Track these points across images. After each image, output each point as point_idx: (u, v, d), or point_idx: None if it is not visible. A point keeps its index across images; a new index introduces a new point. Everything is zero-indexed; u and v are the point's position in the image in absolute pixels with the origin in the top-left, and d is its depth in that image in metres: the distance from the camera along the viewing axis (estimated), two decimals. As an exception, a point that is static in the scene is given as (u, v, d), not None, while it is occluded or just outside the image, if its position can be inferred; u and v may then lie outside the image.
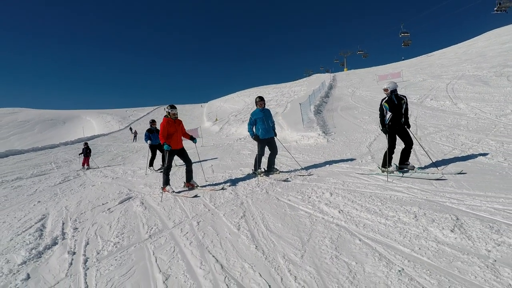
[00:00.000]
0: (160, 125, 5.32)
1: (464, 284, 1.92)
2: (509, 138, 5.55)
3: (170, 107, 5.42)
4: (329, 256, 2.48)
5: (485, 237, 2.43)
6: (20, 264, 3.15)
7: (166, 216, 4.09)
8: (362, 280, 2.11)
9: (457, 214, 2.89)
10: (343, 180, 4.60)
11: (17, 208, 5.95)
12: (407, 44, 42.29)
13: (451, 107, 10.07)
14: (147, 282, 2.50)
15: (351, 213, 3.28)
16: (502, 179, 3.72)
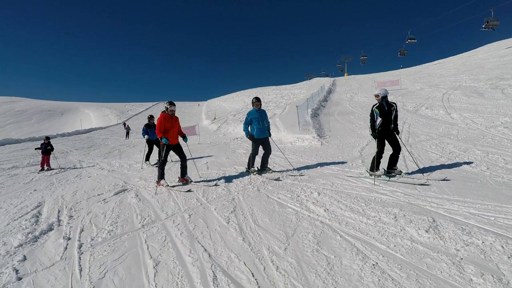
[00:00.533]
0: (158, 120, 5.46)
1: (430, 278, 2.09)
2: (495, 149, 5.75)
3: (169, 103, 5.57)
4: (311, 249, 2.65)
5: (456, 238, 2.61)
6: (16, 246, 3.29)
7: (159, 208, 4.24)
8: (338, 272, 2.28)
9: (434, 217, 3.07)
10: (332, 181, 4.77)
11: (13, 195, 6.07)
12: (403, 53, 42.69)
13: (445, 116, 10.29)
14: (138, 267, 2.65)
15: (336, 212, 3.46)
16: (482, 186, 3.91)
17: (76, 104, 68.89)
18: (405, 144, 7.23)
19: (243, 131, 5.89)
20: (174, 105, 5.61)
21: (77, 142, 20.72)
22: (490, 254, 2.32)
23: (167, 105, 5.56)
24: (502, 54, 30.23)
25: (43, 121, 58.11)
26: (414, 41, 39.51)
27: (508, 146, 5.88)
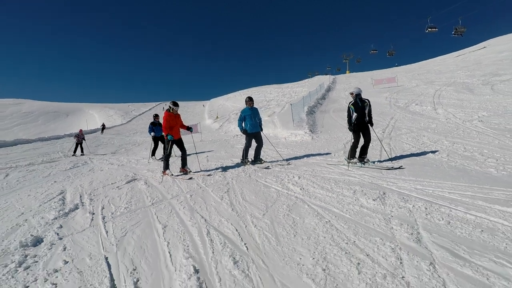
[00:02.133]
0: (163, 118, 6.30)
1: (364, 228, 2.89)
2: (461, 140, 6.49)
3: (173, 103, 6.42)
4: (283, 214, 3.46)
5: (394, 204, 3.40)
6: (53, 219, 4.13)
7: (165, 191, 5.07)
8: (299, 226, 3.08)
9: (385, 191, 3.86)
10: (313, 168, 5.57)
11: (37, 186, 6.94)
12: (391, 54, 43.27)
13: (430, 112, 11.01)
14: (150, 229, 3.47)
15: (309, 190, 4.26)
16: (435, 169, 4.68)
17: (81, 105, 70.21)
18: (387, 136, 8.01)
19: (238, 127, 6.70)
20: (177, 106, 6.46)
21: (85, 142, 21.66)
22: (414, 213, 3.11)
23: (171, 105, 6.40)
24: (501, 50, 30.65)
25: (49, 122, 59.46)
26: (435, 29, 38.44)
27: (474, 137, 6.62)
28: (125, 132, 30.83)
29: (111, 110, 63.88)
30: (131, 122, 50.87)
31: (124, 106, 70.82)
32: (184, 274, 2.38)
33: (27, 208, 4.87)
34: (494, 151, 5.34)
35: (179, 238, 3.11)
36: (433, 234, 2.62)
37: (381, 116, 11.42)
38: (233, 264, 2.47)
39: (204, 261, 2.60)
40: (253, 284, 2.20)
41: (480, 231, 2.61)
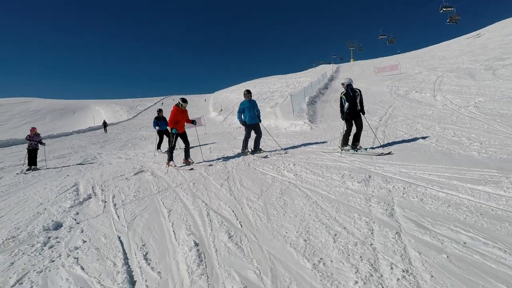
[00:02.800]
0: (171, 112, 6.70)
1: (345, 206, 3.24)
2: (453, 125, 6.74)
3: (183, 100, 6.84)
4: (275, 197, 3.83)
5: (377, 185, 3.74)
6: (69, 207, 4.58)
7: (170, 181, 5.49)
8: (289, 207, 3.45)
9: (371, 174, 4.20)
10: (309, 156, 5.92)
11: (51, 180, 7.42)
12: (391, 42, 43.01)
13: (429, 98, 11.18)
14: (157, 213, 3.88)
15: (302, 175, 4.62)
16: (422, 154, 4.98)
17: (87, 102, 71.12)
18: (383, 124, 8.27)
19: (237, 119, 7.06)
20: (186, 102, 6.92)
21: (92, 138, 22.29)
22: (392, 192, 3.45)
23: (180, 101, 6.81)
24: (508, 33, 30.14)
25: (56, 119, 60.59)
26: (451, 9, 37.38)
27: (466, 122, 6.86)
28: (131, 127, 31.44)
29: (116, 106, 64.70)
30: (137, 117, 51.59)
31: (129, 102, 71.53)
32: (186, 247, 2.78)
33: (45, 199, 5.33)
34: (481, 135, 5.61)
35: (182, 220, 3.50)
36: (405, 210, 2.97)
37: (381, 104, 11.63)
38: (228, 238, 2.86)
39: (204, 236, 2.99)
40: (244, 253, 2.58)
41: (447, 206, 2.95)
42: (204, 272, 2.35)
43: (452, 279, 1.92)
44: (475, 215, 2.70)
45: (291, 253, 2.48)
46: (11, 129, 45.92)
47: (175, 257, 2.69)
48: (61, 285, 2.46)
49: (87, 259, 2.86)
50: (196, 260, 2.52)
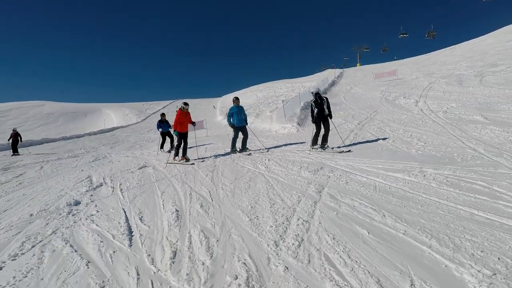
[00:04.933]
0: (176, 115, 7.94)
1: (291, 186, 4.36)
2: (415, 128, 7.76)
3: (185, 103, 8.08)
4: (244, 182, 4.97)
5: (322, 174, 4.84)
6: (85, 191, 5.80)
7: (167, 173, 6.68)
8: (251, 188, 4.58)
9: (324, 166, 5.30)
10: (284, 154, 7.05)
11: (67, 174, 8.71)
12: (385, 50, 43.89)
13: (411, 104, 12.14)
14: (152, 194, 5.05)
15: (271, 167, 5.75)
16: (374, 151, 6.05)
17: (98, 105, 73.45)
18: (358, 127, 9.32)
19: (226, 122, 8.24)
20: (188, 105, 8.13)
21: (103, 139, 23.81)
22: (330, 178, 4.55)
23: (183, 105, 8.04)
24: (509, 39, 30.63)
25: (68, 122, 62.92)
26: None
27: (427, 126, 7.87)
28: (140, 130, 32.98)
29: (126, 109, 66.72)
30: (146, 120, 53.32)
31: (138, 105, 73.57)
32: (169, 212, 3.94)
33: (64, 187, 6.58)
34: (430, 136, 6.64)
35: (171, 197, 4.68)
36: (331, 189, 4.07)
37: (367, 109, 12.66)
38: (200, 207, 4.02)
39: (183, 207, 4.16)
40: (208, 215, 3.73)
41: (361, 186, 4.04)
42: (178, 225, 3.51)
43: (331, 224, 3.02)
44: (375, 191, 3.79)
45: (239, 214, 3.61)
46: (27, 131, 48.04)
47: (161, 218, 3.85)
48: (82, 234, 3.65)
49: (100, 220, 4.05)
50: (174, 219, 3.68)
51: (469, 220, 2.77)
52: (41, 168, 10.61)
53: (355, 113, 12.35)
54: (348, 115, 12.21)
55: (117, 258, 2.88)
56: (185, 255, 2.75)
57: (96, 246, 3.19)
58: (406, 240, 2.53)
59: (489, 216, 2.79)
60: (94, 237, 3.44)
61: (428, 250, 2.34)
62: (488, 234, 2.48)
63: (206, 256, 2.68)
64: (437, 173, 4.20)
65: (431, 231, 2.63)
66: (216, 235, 3.10)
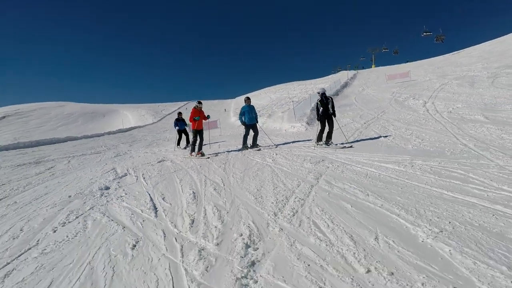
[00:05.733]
0: (191, 112, 8.71)
1: (294, 175, 4.97)
2: (417, 127, 8.19)
3: (198, 102, 8.83)
4: (252, 172, 5.62)
5: (322, 165, 5.43)
6: (112, 179, 6.59)
7: (184, 165, 7.41)
8: (258, 176, 5.22)
9: (325, 159, 5.88)
10: (291, 149, 7.65)
11: (93, 166, 9.59)
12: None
13: (419, 105, 12.48)
14: (172, 182, 5.76)
15: (278, 160, 6.38)
16: (373, 147, 6.58)
17: (116, 106, 75.90)
18: (364, 126, 9.81)
19: (239, 120, 8.93)
20: (201, 103, 8.87)
21: (122, 138, 24.99)
22: (329, 168, 5.14)
23: (197, 103, 8.81)
24: (530, 39, 30.08)
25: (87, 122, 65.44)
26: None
27: (430, 125, 8.29)
28: (156, 130, 34.20)
29: (143, 110, 68.76)
30: (161, 121, 54.86)
31: (154, 106, 75.57)
32: (187, 194, 4.63)
33: (93, 176, 7.41)
34: (430, 134, 7.09)
35: (188, 183, 5.38)
36: (328, 176, 4.66)
37: (375, 110, 13.08)
38: (213, 190, 4.69)
39: (199, 190, 4.84)
40: (220, 196, 4.39)
41: (355, 174, 4.62)
42: (195, 202, 4.19)
43: (322, 201, 3.63)
44: (366, 178, 4.36)
45: (246, 194, 4.26)
46: (50, 130, 50.40)
47: (180, 198, 4.54)
48: (115, 209, 4.38)
49: (128, 200, 4.78)
50: (192, 198, 4.37)
51: (438, 198, 3.31)
52: (68, 162, 11.59)
53: (363, 114, 12.80)
54: (356, 115, 12.69)
55: (147, 224, 3.58)
56: (201, 222, 3.42)
57: (128, 217, 3.91)
58: (381, 211, 3.12)
59: (456, 195, 3.33)
60: (126, 211, 4.17)
61: (396, 217, 2.92)
62: (449, 207, 3.03)
63: (218, 222, 3.34)
64: (424, 164, 4.72)
65: (403, 205, 3.20)
66: (226, 209, 3.77)
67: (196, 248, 2.76)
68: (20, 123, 56.13)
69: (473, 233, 2.47)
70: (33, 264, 2.79)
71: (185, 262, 2.54)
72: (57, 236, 3.45)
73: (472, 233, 2.48)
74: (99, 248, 3.02)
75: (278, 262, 2.39)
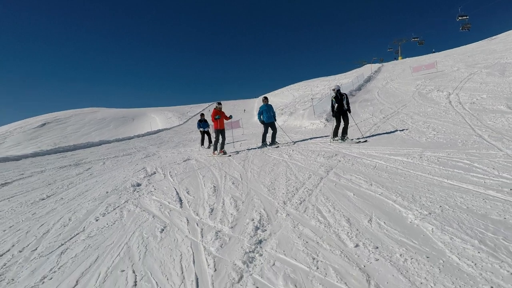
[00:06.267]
0: (212, 113, 9.31)
1: (307, 169, 5.33)
2: (435, 120, 8.20)
3: (218, 103, 9.40)
4: (268, 167, 6.04)
5: (335, 159, 5.74)
6: (143, 177, 7.28)
7: (207, 163, 7.97)
8: (274, 171, 5.64)
9: (338, 154, 6.18)
10: (307, 145, 7.98)
11: (126, 167, 10.44)
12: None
13: (443, 97, 12.25)
14: (196, 178, 6.32)
15: (293, 156, 6.74)
16: (387, 141, 6.76)
17: (144, 110, 79.15)
18: (382, 121, 9.89)
19: (257, 119, 9.37)
20: (220, 104, 9.43)
21: (150, 140, 26.33)
22: (340, 162, 5.44)
23: (217, 104, 9.38)
24: None
25: (119, 126, 68.87)
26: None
27: (449, 117, 8.26)
28: (182, 132, 35.51)
29: (169, 112, 71.23)
30: (187, 122, 56.61)
31: (180, 108, 77.92)
32: (209, 188, 5.14)
33: (126, 175, 8.17)
34: (446, 126, 7.14)
35: (210, 179, 5.90)
36: (337, 169, 4.98)
37: (396, 104, 13.00)
38: (232, 184, 5.17)
39: (219, 184, 5.34)
40: (238, 189, 4.86)
41: (363, 166, 4.90)
42: (215, 195, 4.69)
43: (328, 191, 3.98)
44: (373, 169, 4.64)
45: (260, 187, 4.70)
46: (85, 135, 53.70)
47: (202, 192, 5.06)
48: (146, 202, 4.98)
49: (157, 194, 5.38)
50: (212, 191, 4.88)
51: (436, 186, 3.56)
52: (103, 163, 12.62)
53: (383, 108, 12.78)
54: (376, 110, 12.70)
55: (173, 214, 4.12)
56: (219, 210, 3.90)
57: (157, 208, 4.48)
58: (380, 198, 3.43)
59: (454, 183, 3.56)
60: (155, 203, 4.75)
61: (392, 203, 3.23)
62: (444, 193, 3.29)
63: (234, 210, 3.81)
64: (432, 155, 4.91)
65: (402, 192, 3.49)
66: (242, 199, 4.23)
67: (214, 231, 3.24)
68: (59, 129, 60.13)
69: (459, 215, 2.74)
70: (82, 245, 3.40)
71: (203, 241, 3.02)
72: (99, 224, 4.08)
73: (458, 214, 2.75)
74: (133, 232, 3.58)
75: (281, 240, 2.80)
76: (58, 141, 51.29)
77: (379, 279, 2.04)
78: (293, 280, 2.17)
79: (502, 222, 2.50)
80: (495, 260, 2.03)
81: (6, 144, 50.79)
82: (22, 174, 10.38)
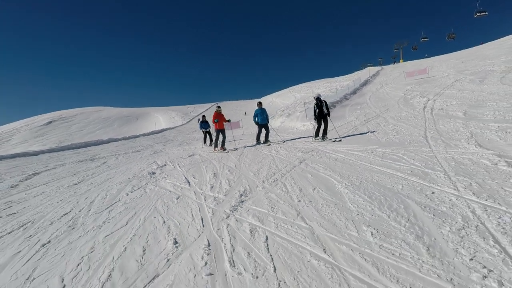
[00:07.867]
0: (213, 115, 10.97)
1: (286, 161, 6.97)
2: (403, 123, 9.79)
3: (217, 106, 11.08)
4: (258, 160, 7.69)
5: (309, 154, 7.37)
6: (156, 168, 8.95)
7: (210, 158, 9.64)
8: (262, 162, 7.29)
9: (314, 150, 7.80)
10: (294, 143, 9.63)
11: (138, 161, 12.13)
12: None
13: (421, 103, 13.79)
14: (200, 168, 7.98)
15: (279, 152, 8.40)
16: (357, 140, 8.37)
17: (148, 109, 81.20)
18: (361, 124, 11.49)
19: (253, 121, 11.05)
20: (220, 107, 11.13)
21: (155, 139, 28.08)
22: (314, 156, 7.08)
23: (216, 107, 11.06)
24: None
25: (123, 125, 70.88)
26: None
27: (415, 121, 9.84)
28: (185, 131, 37.27)
29: (172, 112, 73.15)
30: (190, 122, 58.45)
31: (183, 108, 79.88)
32: (210, 174, 6.80)
33: (141, 167, 9.85)
34: (407, 129, 8.74)
35: (211, 168, 7.56)
36: (309, 161, 6.62)
37: (381, 108, 14.60)
38: (228, 171, 6.83)
39: (218, 172, 7.00)
40: (232, 174, 6.51)
41: (329, 159, 6.53)
42: (214, 178, 6.35)
43: (296, 174, 5.62)
44: (333, 161, 6.27)
45: (249, 172, 6.35)
46: (89, 133, 55.67)
47: (205, 177, 6.72)
48: (162, 183, 6.63)
49: (170, 179, 7.04)
50: (213, 176, 6.54)
51: (368, 170, 5.19)
52: (116, 158, 14.32)
53: (369, 112, 14.39)
54: (362, 113, 14.32)
55: (184, 190, 5.78)
56: (217, 187, 5.57)
57: (171, 186, 6.15)
58: (327, 178, 5.07)
59: (381, 168, 5.18)
60: (169, 184, 6.43)
61: (332, 179, 4.87)
62: (369, 175, 4.92)
63: (227, 186, 5.47)
64: (381, 151, 6.53)
65: (342, 173, 5.13)
66: (234, 180, 5.89)
67: (213, 197, 4.91)
68: (64, 127, 62.17)
69: (369, 185, 4.37)
70: (122, 207, 5.08)
71: (206, 202, 4.69)
72: (130, 197, 5.75)
73: (368, 185, 4.38)
74: (157, 200, 5.25)
75: (255, 200, 4.46)
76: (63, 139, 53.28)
77: (305, 214, 3.68)
78: (258, 217, 3.81)
79: (390, 189, 4.12)
80: (369, 204, 3.66)
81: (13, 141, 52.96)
82: (46, 166, 12.12)
